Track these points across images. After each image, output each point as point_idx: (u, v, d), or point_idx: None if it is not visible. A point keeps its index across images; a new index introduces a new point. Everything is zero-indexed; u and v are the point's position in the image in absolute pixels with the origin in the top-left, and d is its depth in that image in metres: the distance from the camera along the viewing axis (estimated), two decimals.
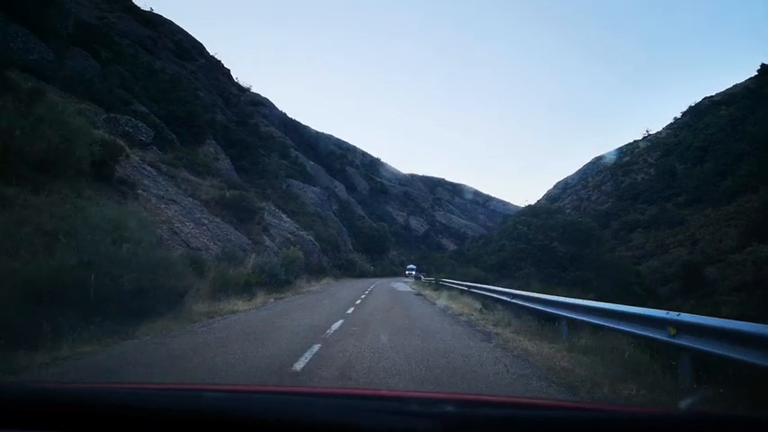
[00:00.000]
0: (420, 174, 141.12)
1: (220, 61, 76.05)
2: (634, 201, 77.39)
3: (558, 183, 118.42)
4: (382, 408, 1.37)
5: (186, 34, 70.31)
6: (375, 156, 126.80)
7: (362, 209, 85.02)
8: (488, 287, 16.48)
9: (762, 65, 76.52)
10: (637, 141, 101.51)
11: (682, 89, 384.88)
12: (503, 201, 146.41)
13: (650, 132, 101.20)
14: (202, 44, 73.61)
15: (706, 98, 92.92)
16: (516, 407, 1.60)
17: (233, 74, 78.79)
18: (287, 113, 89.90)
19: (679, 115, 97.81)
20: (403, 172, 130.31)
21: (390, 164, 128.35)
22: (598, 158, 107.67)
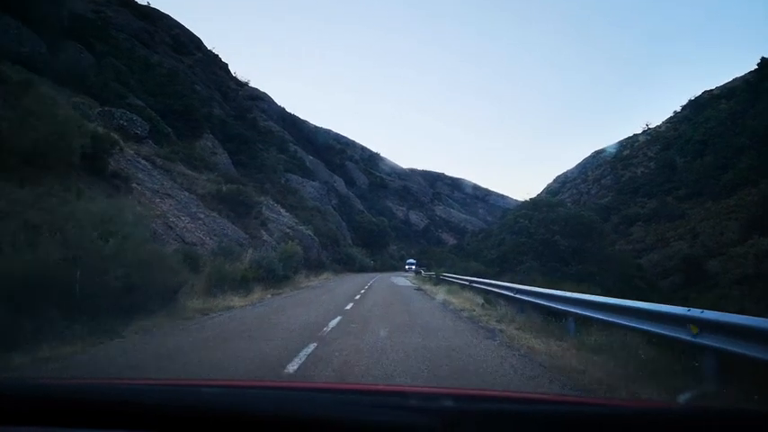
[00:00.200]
0: (419, 168, 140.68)
1: (218, 55, 75.70)
2: (634, 194, 76.96)
3: (558, 177, 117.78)
4: (380, 403, 1.36)
5: (184, 28, 69.80)
6: (374, 150, 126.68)
7: (362, 203, 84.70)
8: (491, 282, 16.12)
9: (762, 58, 76.00)
10: (636, 135, 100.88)
11: (681, 84, 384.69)
12: (502, 195, 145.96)
13: (650, 126, 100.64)
14: (200, 38, 73.24)
15: (706, 92, 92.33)
16: (516, 402, 1.59)
17: (231, 68, 78.45)
18: (286, 108, 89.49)
19: (679, 109, 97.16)
20: (402, 166, 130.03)
21: (390, 158, 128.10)
22: (598, 152, 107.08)
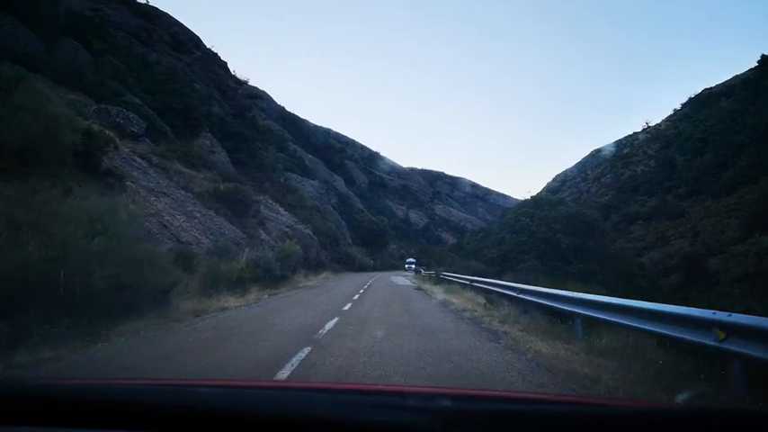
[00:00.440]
0: (419, 167, 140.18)
1: (217, 54, 75.23)
2: (634, 193, 76.58)
3: (558, 175, 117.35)
4: (380, 403, 1.35)
5: (183, 27, 69.41)
6: (374, 149, 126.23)
7: (362, 202, 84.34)
8: (493, 281, 15.75)
9: (762, 56, 75.46)
10: (636, 133, 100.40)
11: (681, 82, 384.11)
12: (502, 194, 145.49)
13: (650, 124, 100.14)
14: (199, 37, 72.84)
15: (706, 90, 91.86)
16: (516, 401, 1.58)
17: (230, 67, 78.00)
18: (285, 107, 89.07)
19: (679, 107, 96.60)
20: (402, 165, 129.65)
21: (389, 157, 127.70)
22: (597, 151, 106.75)
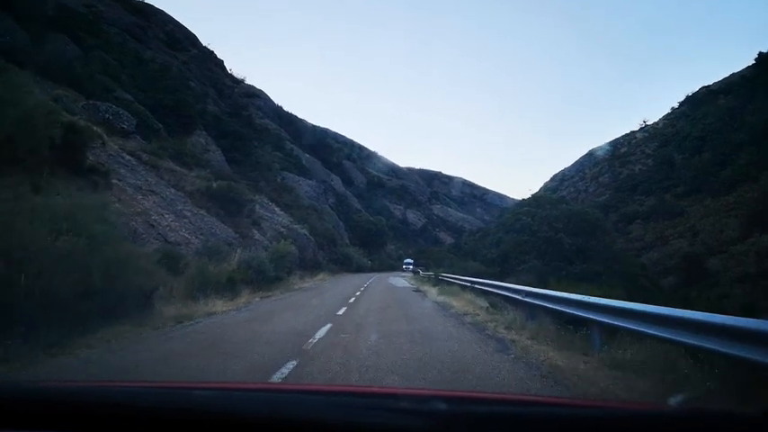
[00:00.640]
0: (417, 167, 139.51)
1: (213, 52, 74.36)
2: (632, 192, 75.96)
3: (555, 175, 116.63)
4: (373, 405, 1.34)
5: (178, 24, 68.61)
6: (372, 149, 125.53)
7: (359, 202, 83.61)
8: (495, 283, 15.01)
9: (759, 54, 75.23)
10: (634, 132, 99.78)
11: (679, 80, 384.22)
12: (499, 194, 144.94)
13: (647, 123, 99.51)
14: (195, 35, 71.98)
15: (703, 88, 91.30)
16: (510, 404, 1.57)
17: (227, 65, 77.14)
18: (282, 106, 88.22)
19: (676, 105, 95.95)
20: (400, 165, 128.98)
21: (387, 157, 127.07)
22: (594, 151, 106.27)
